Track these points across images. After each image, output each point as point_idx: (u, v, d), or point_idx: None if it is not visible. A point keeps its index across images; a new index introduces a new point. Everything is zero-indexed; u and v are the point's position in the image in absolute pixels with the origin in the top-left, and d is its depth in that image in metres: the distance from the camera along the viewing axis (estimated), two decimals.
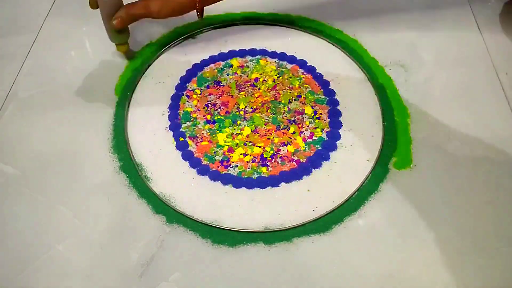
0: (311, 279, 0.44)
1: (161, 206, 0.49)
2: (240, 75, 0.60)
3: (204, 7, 0.57)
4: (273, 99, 0.57)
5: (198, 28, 0.64)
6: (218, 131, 0.54)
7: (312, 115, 0.56)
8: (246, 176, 0.51)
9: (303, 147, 0.53)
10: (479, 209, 0.48)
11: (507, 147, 0.53)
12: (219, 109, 0.56)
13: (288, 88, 0.58)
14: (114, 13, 0.55)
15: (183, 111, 0.56)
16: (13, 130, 0.54)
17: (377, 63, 0.61)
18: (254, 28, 0.65)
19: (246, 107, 0.56)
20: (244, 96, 0.57)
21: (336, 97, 0.57)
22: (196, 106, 0.57)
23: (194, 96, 0.58)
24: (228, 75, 0.60)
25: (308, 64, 0.61)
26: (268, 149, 0.53)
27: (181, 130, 0.55)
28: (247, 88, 0.58)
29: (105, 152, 0.53)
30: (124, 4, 0.55)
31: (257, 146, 0.53)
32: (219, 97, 0.57)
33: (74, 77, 0.59)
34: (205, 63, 0.61)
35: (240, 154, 0.52)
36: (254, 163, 0.52)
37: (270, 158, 0.52)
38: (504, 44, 0.62)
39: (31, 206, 0.49)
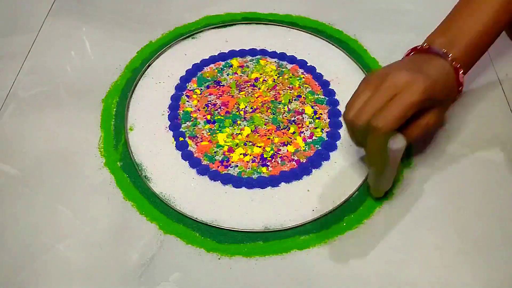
0: (311, 279, 0.44)
1: (161, 206, 0.49)
2: (240, 75, 0.60)
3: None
4: (273, 99, 0.57)
5: (198, 28, 0.64)
6: (218, 131, 0.54)
7: (312, 115, 0.56)
8: (246, 176, 0.51)
9: (303, 147, 0.53)
10: (479, 209, 0.48)
11: (507, 147, 0.53)
12: (219, 109, 0.56)
13: (288, 88, 0.58)
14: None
15: (183, 111, 0.56)
16: (13, 130, 0.54)
17: (377, 63, 0.60)
18: (254, 28, 0.65)
19: (246, 107, 0.56)
20: (244, 96, 0.57)
21: (336, 97, 0.57)
22: (196, 106, 0.57)
23: (194, 96, 0.58)
24: (228, 75, 0.60)
25: (308, 64, 0.60)
26: (268, 149, 0.53)
27: (181, 130, 0.55)
28: (247, 88, 0.58)
29: (105, 151, 0.52)
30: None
31: (257, 146, 0.53)
32: (219, 97, 0.57)
33: (74, 77, 0.59)
34: (205, 63, 0.61)
35: (240, 154, 0.52)
36: (254, 163, 0.52)
37: (270, 158, 0.52)
38: (504, 44, 0.62)
39: (30, 206, 0.49)
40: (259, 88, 0.58)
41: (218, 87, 0.58)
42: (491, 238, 0.46)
